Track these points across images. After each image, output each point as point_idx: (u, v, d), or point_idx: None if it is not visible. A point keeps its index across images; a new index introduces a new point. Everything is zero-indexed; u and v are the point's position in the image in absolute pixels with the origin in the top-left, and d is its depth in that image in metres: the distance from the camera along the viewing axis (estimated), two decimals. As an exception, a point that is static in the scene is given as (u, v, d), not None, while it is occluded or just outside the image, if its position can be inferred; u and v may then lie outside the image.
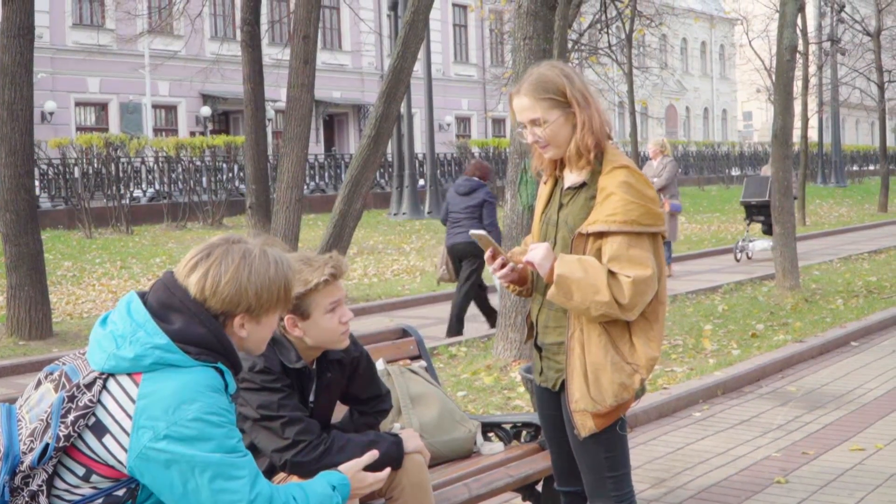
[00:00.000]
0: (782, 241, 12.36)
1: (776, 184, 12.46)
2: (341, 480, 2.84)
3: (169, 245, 20.31)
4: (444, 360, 8.94)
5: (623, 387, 3.28)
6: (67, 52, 33.78)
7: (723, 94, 70.77)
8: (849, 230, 24.53)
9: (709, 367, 8.28)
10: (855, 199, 36.36)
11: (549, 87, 3.35)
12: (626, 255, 3.22)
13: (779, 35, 12.44)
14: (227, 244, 2.61)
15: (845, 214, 29.43)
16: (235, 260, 2.57)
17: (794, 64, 12.84)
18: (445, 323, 10.93)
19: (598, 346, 3.28)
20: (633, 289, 3.21)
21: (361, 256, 18.50)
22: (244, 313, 2.58)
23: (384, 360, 4.28)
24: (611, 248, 3.24)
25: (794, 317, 10.85)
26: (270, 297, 2.61)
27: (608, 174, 3.32)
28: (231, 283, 2.54)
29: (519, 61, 8.22)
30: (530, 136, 3.40)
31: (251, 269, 2.57)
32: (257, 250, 2.62)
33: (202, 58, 32.62)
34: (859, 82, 37.74)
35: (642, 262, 3.22)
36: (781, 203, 12.39)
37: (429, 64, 28.05)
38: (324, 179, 32.66)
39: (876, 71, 31.34)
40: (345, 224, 10.18)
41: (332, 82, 41.28)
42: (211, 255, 2.58)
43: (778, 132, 12.44)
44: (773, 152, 12.65)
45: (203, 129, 37.09)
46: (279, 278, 2.62)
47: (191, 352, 2.49)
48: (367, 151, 10.08)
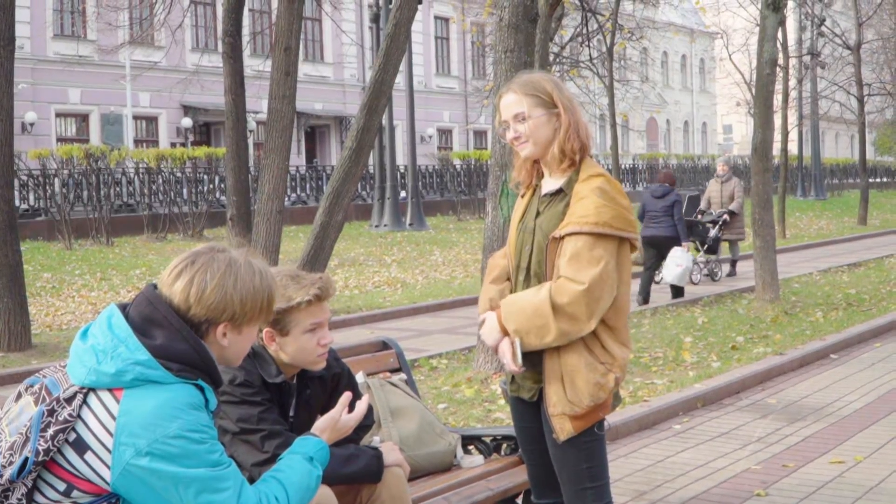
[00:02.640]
0: (762, 253, 12.43)
1: (755, 197, 12.53)
2: (317, 447, 2.86)
3: (149, 256, 20.22)
4: (425, 373, 8.93)
5: (598, 386, 3.31)
6: (48, 62, 33.64)
7: (703, 107, 71.11)
8: (828, 243, 24.67)
9: (689, 380, 8.30)
10: (834, 212, 36.57)
11: (538, 86, 3.43)
12: (587, 255, 3.26)
13: (759, 49, 12.53)
14: (212, 252, 2.61)
15: (825, 227, 29.59)
16: (221, 268, 2.56)
17: (775, 77, 12.92)
18: (426, 335, 11.21)
19: (572, 350, 3.32)
20: (587, 296, 3.25)
21: (342, 268, 18.48)
22: (227, 322, 2.57)
23: (364, 372, 4.27)
24: (574, 245, 3.27)
25: (774, 329, 10.89)
26: (254, 307, 2.60)
27: (584, 181, 3.37)
28: (217, 291, 2.54)
29: (500, 74, 8.24)
30: (511, 132, 3.45)
31: (237, 277, 2.57)
32: (242, 259, 2.62)
33: (183, 69, 32.51)
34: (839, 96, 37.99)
35: (600, 262, 3.26)
36: (761, 216, 12.46)
37: (410, 76, 28.09)
38: (305, 191, 32.59)
39: (856, 84, 31.56)
40: (326, 236, 10.17)
41: (314, 94, 41.26)
42: (196, 262, 2.57)
43: (758, 145, 12.51)
44: (753, 165, 12.72)
45: (184, 140, 36.97)
46: (264, 289, 2.63)
47: (172, 368, 2.48)
48: (348, 163, 10.08)
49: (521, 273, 3.50)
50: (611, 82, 23.08)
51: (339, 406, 3.07)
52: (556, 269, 3.33)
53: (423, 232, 26.80)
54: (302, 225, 26.68)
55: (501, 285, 3.57)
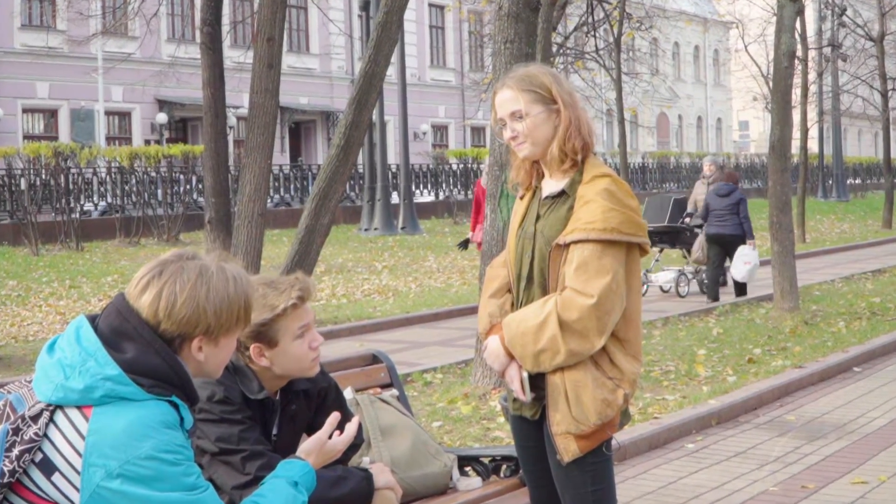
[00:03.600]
0: (781, 259, 12.44)
1: (773, 198, 12.54)
2: (303, 470, 2.85)
3: (121, 263, 20.20)
4: (419, 388, 8.93)
5: (606, 403, 3.30)
6: (15, 55, 33.63)
7: (717, 101, 71.23)
8: (851, 248, 24.70)
9: (702, 395, 8.30)
10: (858, 214, 36.63)
11: (535, 81, 3.41)
12: (595, 265, 3.24)
13: (776, 40, 12.54)
14: (181, 260, 2.58)
15: (847, 231, 29.64)
16: (191, 278, 2.54)
17: (793, 71, 12.96)
18: (419, 347, 11.28)
19: (577, 364, 3.30)
20: (596, 310, 3.24)
21: (329, 275, 18.47)
22: (202, 335, 2.56)
23: (352, 388, 4.26)
24: (581, 254, 3.26)
25: (794, 341, 10.90)
26: (230, 317, 2.58)
27: (588, 183, 3.35)
28: (188, 304, 2.52)
29: (499, 66, 8.24)
30: (508, 131, 3.44)
31: (209, 286, 2.55)
32: (214, 266, 2.59)
33: (158, 60, 32.52)
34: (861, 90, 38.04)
35: (609, 272, 3.25)
36: (779, 219, 12.47)
37: (403, 68, 28.11)
38: (289, 192, 32.59)
39: (879, 78, 31.63)
40: (312, 240, 10.16)
41: (299, 87, 41.27)
42: (163, 272, 2.54)
43: (776, 143, 12.52)
44: (771, 165, 12.73)
45: (159, 137, 36.94)
46: (239, 296, 2.60)
47: (144, 384, 2.47)
48: (336, 162, 10.08)
49: (521, 282, 3.49)
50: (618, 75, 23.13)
51: (326, 427, 3.05)
52: (560, 279, 3.33)
53: (416, 236, 26.80)
54: (286, 228, 26.66)
55: (502, 298, 3.55)
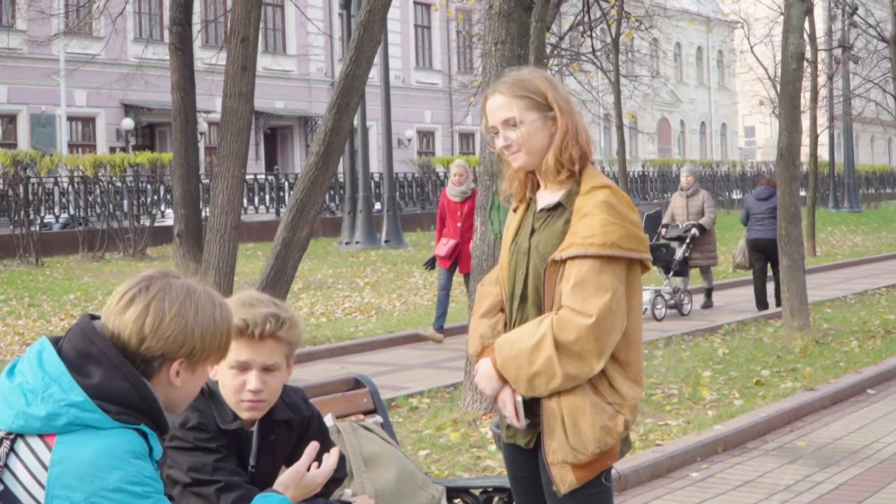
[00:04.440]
0: (790, 274, 12.47)
1: (781, 209, 12.59)
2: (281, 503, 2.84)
3: (84, 279, 20.14)
4: (404, 414, 8.92)
5: (605, 430, 3.29)
6: (-31, 55, 33.61)
7: (722, 106, 71.53)
8: (864, 262, 24.78)
9: (708, 420, 8.31)
10: (871, 226, 36.76)
11: (529, 86, 3.42)
12: (594, 282, 3.25)
13: (784, 41, 12.60)
14: (167, 278, 2.60)
15: (860, 244, 29.74)
16: (180, 296, 2.56)
17: (802, 73, 13.01)
18: (405, 370, 11.37)
19: (574, 388, 3.30)
20: (595, 330, 3.24)
21: (308, 292, 18.44)
22: (184, 358, 2.57)
23: (333, 415, 4.25)
24: (578, 270, 3.26)
25: (804, 361, 10.93)
26: (213, 342, 2.61)
27: (586, 194, 3.36)
28: (176, 321, 2.53)
29: (490, 68, 8.26)
30: (501, 140, 3.44)
31: (197, 307, 2.57)
32: (201, 288, 2.63)
33: (124, 62, 32.49)
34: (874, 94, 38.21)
35: (609, 290, 3.25)
36: (788, 231, 12.51)
37: (386, 70, 28.15)
38: (264, 203, 32.57)
39: (893, 81, 31.74)
40: (288, 255, 10.14)
41: (275, 91, 41.30)
42: (151, 287, 2.56)
43: (784, 150, 12.58)
44: (779, 173, 12.78)
45: (125, 144, 36.90)
46: (224, 322, 2.64)
47: (111, 411, 2.46)
48: (314, 171, 10.07)
49: (515, 301, 3.49)
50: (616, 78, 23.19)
51: (304, 458, 3.05)
52: (556, 297, 3.33)
53: (400, 250, 26.80)
54: (261, 242, 26.62)
55: (494, 318, 3.55)
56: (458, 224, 13.30)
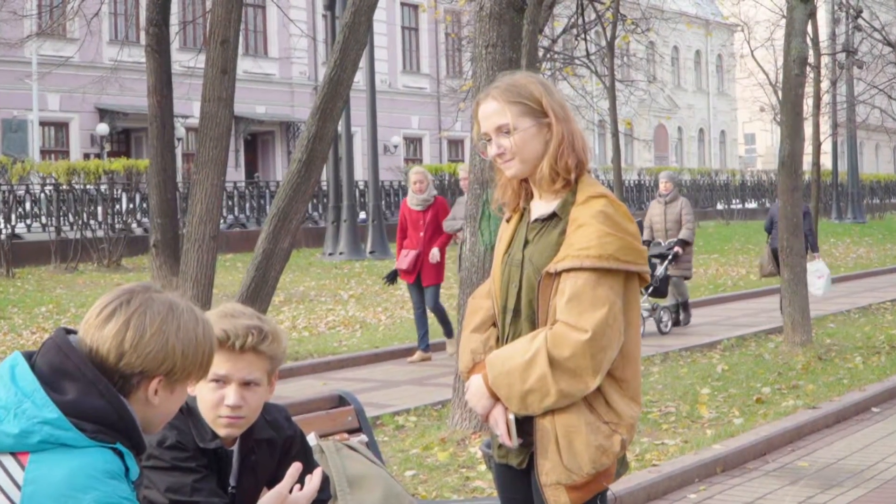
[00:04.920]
0: (792, 287, 12.48)
1: (783, 220, 12.60)
2: None
3: (57, 291, 20.08)
4: (389, 433, 8.90)
5: (601, 450, 3.29)
6: (-64, 57, 33.54)
7: (721, 112, 71.71)
8: (869, 274, 24.84)
9: (706, 440, 8.30)
10: (875, 237, 36.85)
11: (523, 92, 3.41)
12: (590, 296, 3.24)
13: (786, 45, 12.63)
14: (149, 292, 2.60)
15: (864, 256, 29.80)
16: (162, 311, 2.56)
17: (804, 79, 13.04)
18: (390, 387, 11.41)
19: (569, 406, 3.29)
20: (591, 346, 3.22)
21: (289, 305, 18.41)
22: (163, 376, 2.56)
23: (316, 434, 4.24)
24: (574, 284, 3.25)
25: (806, 378, 10.93)
26: (195, 360, 2.60)
27: (582, 204, 3.35)
28: (157, 337, 2.52)
29: (480, 73, 8.26)
30: (494, 147, 3.43)
31: (179, 323, 2.56)
32: (184, 304, 2.62)
33: (99, 65, 32.49)
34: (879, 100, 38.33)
35: (606, 304, 3.25)
36: (790, 243, 12.53)
37: (372, 74, 28.15)
38: (244, 212, 32.51)
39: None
40: (270, 266, 10.12)
41: (256, 95, 41.29)
42: (132, 301, 2.55)
43: (786, 159, 12.59)
44: (780, 183, 12.80)
45: (99, 150, 36.85)
46: (207, 340, 2.63)
47: (86, 429, 2.45)
48: (297, 178, 10.06)
49: (507, 315, 3.48)
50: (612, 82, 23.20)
51: (286, 479, 3.04)
52: (550, 311, 3.32)
53: (386, 261, 26.75)
54: (240, 253, 26.59)
55: (485, 333, 3.54)
56: (420, 234, 13.10)
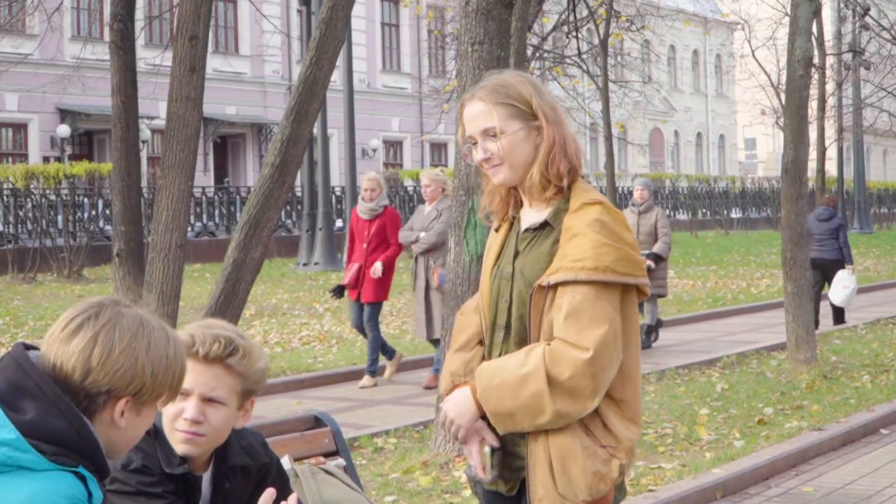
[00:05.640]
0: (795, 301, 12.49)
1: (787, 230, 12.62)
2: None
3: (14, 303, 20.03)
4: (368, 455, 8.88)
5: (598, 476, 3.26)
6: None
7: (720, 115, 71.96)
8: (876, 288, 24.87)
9: (705, 463, 8.30)
10: (883, 248, 36.97)
11: (512, 92, 3.38)
12: (589, 311, 3.21)
13: (789, 44, 12.65)
14: (118, 306, 2.58)
15: (871, 268, 29.87)
16: (132, 327, 2.54)
17: (809, 80, 13.06)
18: (368, 407, 11.43)
19: (564, 428, 3.27)
20: (591, 366, 3.20)
21: (261, 319, 18.37)
22: (131, 397, 2.54)
23: (290, 457, 4.21)
24: (572, 299, 3.23)
25: (811, 398, 10.94)
26: (164, 381, 2.58)
27: (577, 212, 3.32)
28: (126, 355, 2.51)
29: (466, 72, 8.25)
30: (480, 152, 3.40)
31: (150, 341, 2.55)
32: (154, 321, 2.61)
33: (60, 63, 32.43)
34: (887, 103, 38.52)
35: (606, 321, 3.23)
36: (794, 254, 12.54)
37: (350, 73, 28.16)
38: (213, 219, 32.49)
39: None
40: (240, 277, 10.10)
41: (226, 95, 41.26)
42: (100, 315, 2.54)
43: (789, 165, 12.61)
44: (784, 190, 12.81)
45: (60, 153, 36.78)
46: (177, 360, 2.62)
47: (46, 451, 2.43)
48: (269, 184, 10.04)
49: (498, 332, 3.46)
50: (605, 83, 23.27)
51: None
52: (543, 327, 3.30)
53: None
54: (209, 263, 26.55)
55: (470, 353, 3.53)
56: (364, 245, 12.66)
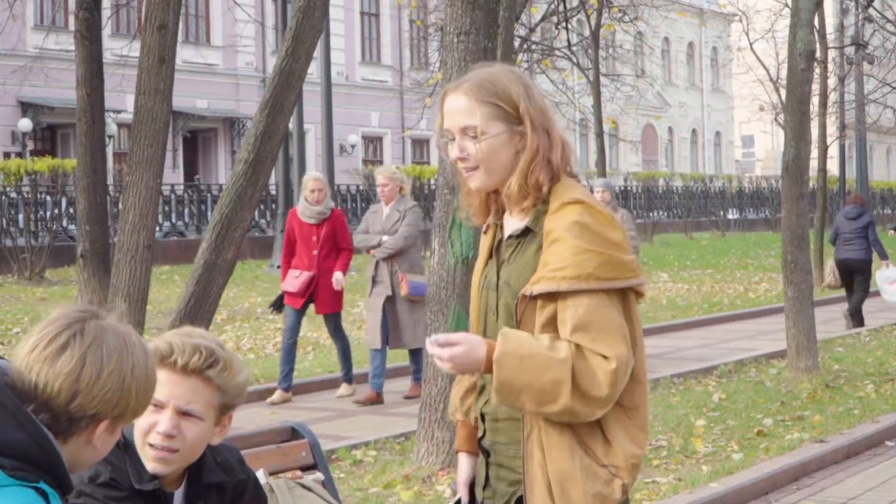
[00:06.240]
0: (796, 307, 12.49)
1: (787, 232, 12.61)
2: None
3: (-30, 306, 19.98)
4: (346, 469, 8.85)
5: (600, 499, 3.22)
6: None
7: (716, 111, 72.16)
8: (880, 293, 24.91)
9: (702, 477, 8.30)
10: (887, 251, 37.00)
11: (499, 91, 3.31)
12: (597, 321, 3.17)
13: (791, 37, 12.66)
14: (98, 319, 2.56)
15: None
16: (118, 345, 2.53)
17: (812, 75, 13.06)
18: (346, 416, 11.36)
19: (560, 446, 3.22)
20: (615, 376, 3.16)
21: (233, 324, 18.34)
22: (112, 419, 2.53)
23: (265, 471, 4.18)
24: (575, 312, 3.17)
25: (812, 408, 10.95)
26: (143, 401, 2.58)
27: (556, 213, 3.25)
28: (114, 376, 2.49)
29: (451, 63, 8.23)
30: (456, 150, 3.33)
31: (134, 360, 2.54)
32: (134, 336, 2.59)
33: (22, 53, 32.30)
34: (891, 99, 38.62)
35: (618, 334, 3.18)
36: (795, 257, 12.53)
37: (327, 65, 28.13)
38: (183, 219, 32.44)
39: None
40: (211, 280, 10.08)
41: (197, 88, 41.17)
42: (86, 332, 2.51)
43: (790, 164, 12.61)
44: (785, 190, 12.81)
45: (21, 148, 36.69)
46: (153, 376, 2.62)
47: (5, 466, 2.41)
48: (242, 182, 10.02)
49: (488, 346, 3.41)
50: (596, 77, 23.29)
51: None
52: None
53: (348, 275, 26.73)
54: (178, 265, 26.51)
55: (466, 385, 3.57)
56: (314, 252, 12.41)
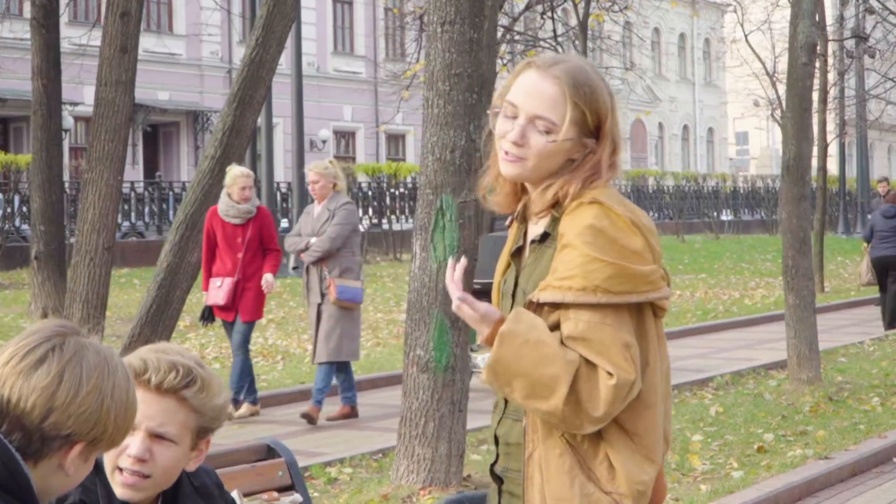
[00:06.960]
0: (797, 314, 12.49)
1: (788, 234, 12.60)
2: None
3: (-84, 311, 19.86)
4: (320, 487, 8.83)
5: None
6: None
7: (708, 106, 72.36)
8: (883, 299, 25.00)
9: (700, 497, 8.29)
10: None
11: (593, 100, 3.22)
12: (596, 339, 3.10)
13: (791, 28, 12.67)
14: (78, 335, 2.55)
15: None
16: (99, 364, 2.51)
17: (813, 69, 13.07)
18: (319, 430, 11.38)
19: (559, 470, 3.17)
20: (614, 394, 3.10)
21: (196, 331, 18.26)
22: (87, 443, 2.50)
23: (239, 492, 4.15)
24: (574, 326, 3.11)
25: (816, 423, 10.95)
26: (122, 428, 2.56)
27: (571, 213, 3.18)
28: (93, 396, 2.47)
29: (435, 54, 8.19)
30: (516, 132, 3.20)
31: (114, 381, 2.52)
32: (115, 357, 2.57)
33: (-30, 40, 32.22)
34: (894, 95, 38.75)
35: (620, 353, 3.10)
36: (795, 262, 12.53)
37: (298, 56, 28.11)
38: (143, 218, 32.36)
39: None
40: (174, 284, 10.05)
41: (158, 79, 41.11)
42: (65, 347, 2.49)
43: (791, 163, 12.61)
44: (785, 191, 12.79)
45: (-30, 142, 36.62)
46: (134, 402, 2.60)
47: (-32, 491, 2.38)
48: (209, 179, 9.99)
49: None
50: (582, 70, 23.22)
51: None
52: None
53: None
54: (139, 267, 26.45)
55: None
56: (238, 255, 11.83)
